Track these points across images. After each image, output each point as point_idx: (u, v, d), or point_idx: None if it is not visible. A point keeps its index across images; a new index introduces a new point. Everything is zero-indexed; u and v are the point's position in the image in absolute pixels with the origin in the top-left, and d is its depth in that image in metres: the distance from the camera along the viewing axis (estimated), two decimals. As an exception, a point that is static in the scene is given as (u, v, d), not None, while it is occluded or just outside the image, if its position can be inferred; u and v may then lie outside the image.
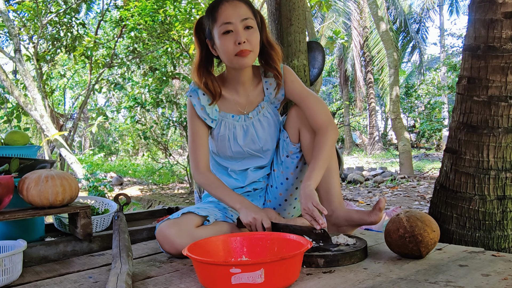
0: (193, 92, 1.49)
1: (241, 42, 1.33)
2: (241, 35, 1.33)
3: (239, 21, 1.34)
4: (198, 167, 1.48)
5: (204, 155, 1.49)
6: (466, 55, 1.86)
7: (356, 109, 18.42)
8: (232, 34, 1.35)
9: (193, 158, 1.50)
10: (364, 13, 14.30)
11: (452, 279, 0.98)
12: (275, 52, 1.47)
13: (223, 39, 1.35)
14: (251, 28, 1.36)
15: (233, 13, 1.34)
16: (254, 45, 1.38)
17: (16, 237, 1.30)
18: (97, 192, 4.92)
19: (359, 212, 1.40)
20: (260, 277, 0.92)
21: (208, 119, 1.49)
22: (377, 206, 1.35)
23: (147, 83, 6.44)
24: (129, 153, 15.62)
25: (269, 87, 1.53)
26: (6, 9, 5.49)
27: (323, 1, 5.25)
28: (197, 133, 1.50)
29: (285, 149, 1.51)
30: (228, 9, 1.34)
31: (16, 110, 6.26)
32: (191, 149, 1.51)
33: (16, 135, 1.65)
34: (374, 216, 1.35)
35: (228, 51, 1.36)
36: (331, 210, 1.44)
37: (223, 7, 1.35)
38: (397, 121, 7.88)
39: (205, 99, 1.48)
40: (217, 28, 1.36)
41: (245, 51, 1.35)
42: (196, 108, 1.48)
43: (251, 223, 1.31)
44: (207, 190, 1.47)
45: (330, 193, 1.45)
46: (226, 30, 1.34)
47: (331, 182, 1.45)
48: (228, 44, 1.35)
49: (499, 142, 1.76)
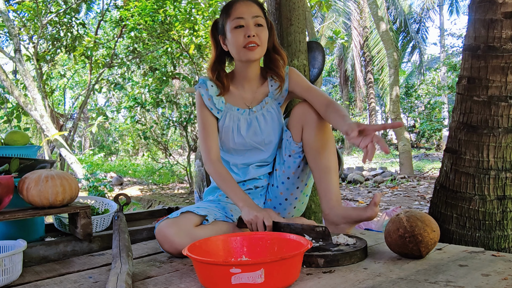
0: (202, 84, 1.57)
1: (250, 35, 1.43)
2: (251, 29, 1.44)
3: (250, 17, 1.45)
4: (209, 155, 1.52)
5: (215, 144, 1.54)
6: (466, 55, 1.86)
7: (356, 109, 18.43)
8: (243, 29, 1.44)
9: (204, 147, 1.54)
10: (364, 13, 14.31)
11: (452, 279, 0.98)
12: (281, 57, 1.56)
13: (234, 32, 1.45)
14: (261, 26, 1.46)
15: (246, 10, 1.45)
16: (263, 40, 1.47)
17: (16, 237, 1.30)
18: (97, 192, 4.92)
19: (356, 209, 1.42)
20: (260, 277, 0.92)
21: (215, 109, 1.55)
22: (373, 201, 1.36)
23: (147, 83, 6.44)
24: (129, 153, 15.62)
25: (274, 85, 1.60)
26: (6, 9, 5.49)
27: (323, 1, 5.25)
28: (207, 122, 1.55)
29: (288, 149, 1.54)
30: (242, 7, 1.46)
31: (16, 110, 6.26)
32: (202, 138, 1.55)
33: (16, 135, 1.65)
34: (370, 211, 1.37)
35: (238, 42, 1.45)
36: (329, 209, 1.45)
37: (237, 5, 1.46)
38: (397, 121, 7.88)
39: (213, 90, 1.56)
40: (229, 22, 1.46)
41: (254, 43, 1.44)
42: (204, 98, 1.55)
43: (252, 221, 1.32)
44: (215, 180, 1.49)
45: (328, 192, 1.46)
46: (238, 25, 1.44)
47: (330, 180, 1.47)
48: (238, 36, 1.44)
49: (499, 142, 1.76)
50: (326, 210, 1.45)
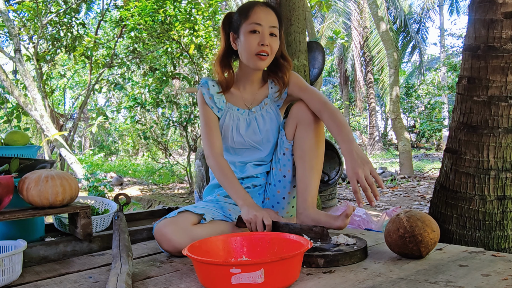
0: (204, 83, 1.59)
1: (264, 43, 1.45)
2: (266, 38, 1.45)
3: (267, 26, 1.46)
4: (213, 149, 1.52)
5: (218, 139, 1.55)
6: (466, 55, 1.86)
7: (356, 109, 18.43)
8: (258, 35, 1.45)
9: (207, 142, 1.54)
10: (364, 13, 14.30)
11: (452, 279, 0.98)
12: (287, 64, 1.57)
13: (248, 37, 1.45)
14: (274, 36, 1.48)
15: (265, 17, 1.46)
16: (273, 51, 1.49)
17: (16, 237, 1.30)
18: (97, 192, 4.91)
19: (327, 216, 1.42)
20: (260, 277, 0.92)
21: (215, 108, 1.57)
22: (345, 212, 1.37)
23: (147, 83, 6.43)
24: (129, 153, 15.61)
25: (274, 87, 1.62)
26: (6, 9, 5.49)
27: (323, 1, 5.25)
28: (210, 118, 1.57)
29: (282, 147, 1.56)
30: (262, 13, 1.46)
31: (16, 110, 6.26)
32: (205, 133, 1.55)
33: (16, 135, 1.65)
34: (340, 222, 1.38)
35: (251, 48, 1.46)
36: (303, 208, 1.46)
37: (257, 9, 1.47)
38: (397, 121, 7.88)
39: (214, 90, 1.58)
40: (246, 25, 1.46)
41: (266, 52, 1.45)
42: (205, 96, 1.57)
43: (251, 220, 1.32)
44: (216, 174, 1.49)
45: (307, 191, 1.47)
46: (253, 30, 1.45)
47: (311, 181, 1.48)
48: (252, 42, 1.45)
49: (499, 142, 1.76)
50: (300, 209, 1.47)
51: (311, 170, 1.48)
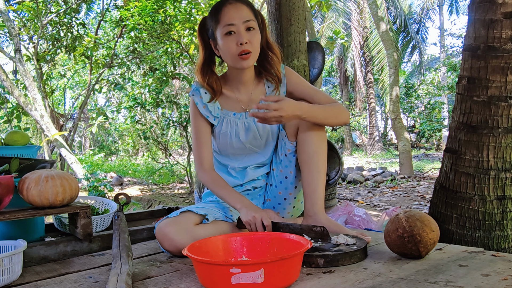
0: (195, 91, 1.53)
1: (243, 42, 1.37)
2: (243, 36, 1.38)
3: (241, 23, 1.38)
4: (202, 165, 1.51)
5: (208, 153, 1.52)
6: (466, 55, 1.86)
7: (356, 109, 18.41)
8: (234, 35, 1.38)
9: (197, 156, 1.52)
10: (364, 13, 14.29)
11: (452, 279, 0.98)
12: (274, 54, 1.51)
13: (225, 40, 1.39)
14: (252, 30, 1.41)
15: (236, 15, 1.38)
16: (255, 46, 1.42)
17: (16, 237, 1.30)
18: (97, 192, 4.91)
19: (338, 226, 1.40)
20: (260, 277, 0.92)
21: (211, 116, 1.52)
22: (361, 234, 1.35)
23: (147, 83, 6.43)
24: (129, 153, 15.60)
25: (270, 86, 1.57)
26: (6, 9, 5.49)
27: (323, 1, 5.25)
28: (200, 131, 1.53)
29: (284, 148, 1.54)
30: (231, 11, 1.38)
31: (16, 110, 6.25)
32: (195, 147, 1.53)
33: (16, 135, 1.65)
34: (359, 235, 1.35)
35: (231, 51, 1.39)
36: (313, 212, 1.43)
37: (225, 9, 1.39)
38: (397, 121, 7.88)
39: (207, 97, 1.52)
40: (220, 29, 1.40)
41: (247, 51, 1.38)
42: (199, 106, 1.52)
43: (251, 221, 1.32)
44: (210, 188, 1.48)
45: (315, 194, 1.44)
46: (228, 31, 1.39)
47: (318, 184, 1.44)
48: (230, 45, 1.39)
49: (499, 142, 1.76)
50: (310, 212, 1.44)
51: (318, 173, 1.44)
